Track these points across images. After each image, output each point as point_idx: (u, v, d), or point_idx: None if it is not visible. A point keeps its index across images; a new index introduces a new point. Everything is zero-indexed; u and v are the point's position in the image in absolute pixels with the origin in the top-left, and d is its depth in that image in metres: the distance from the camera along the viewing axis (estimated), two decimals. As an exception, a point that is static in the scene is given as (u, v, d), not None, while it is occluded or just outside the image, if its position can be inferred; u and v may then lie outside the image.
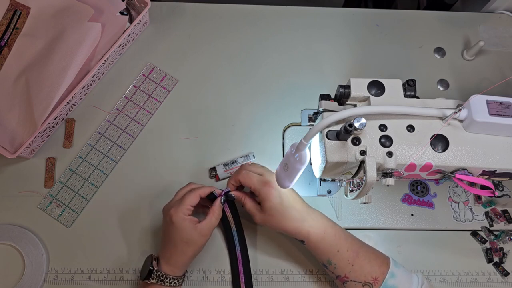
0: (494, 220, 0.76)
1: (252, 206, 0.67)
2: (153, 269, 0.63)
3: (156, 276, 0.63)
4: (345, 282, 0.65)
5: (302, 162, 0.57)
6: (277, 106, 0.82)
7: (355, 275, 0.63)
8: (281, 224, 0.65)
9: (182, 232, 0.63)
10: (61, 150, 0.78)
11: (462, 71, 0.86)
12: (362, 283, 0.63)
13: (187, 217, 0.63)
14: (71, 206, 0.75)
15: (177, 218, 0.62)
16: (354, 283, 0.63)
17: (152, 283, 0.62)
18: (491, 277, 0.74)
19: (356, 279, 0.63)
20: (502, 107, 0.56)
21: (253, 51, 0.86)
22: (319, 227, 0.65)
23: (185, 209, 0.63)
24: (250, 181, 0.66)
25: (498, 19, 0.90)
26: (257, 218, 0.66)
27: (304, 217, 0.65)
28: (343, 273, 0.64)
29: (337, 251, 0.64)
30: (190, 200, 0.64)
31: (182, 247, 0.63)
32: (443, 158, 0.56)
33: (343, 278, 0.64)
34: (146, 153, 0.78)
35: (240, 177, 0.67)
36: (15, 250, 0.72)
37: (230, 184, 0.68)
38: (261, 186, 0.65)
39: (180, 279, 0.65)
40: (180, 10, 0.88)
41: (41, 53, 0.75)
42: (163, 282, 0.63)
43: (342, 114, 0.54)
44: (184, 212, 0.63)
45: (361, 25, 0.89)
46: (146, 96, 0.81)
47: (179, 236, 0.63)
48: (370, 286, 0.63)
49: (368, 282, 0.63)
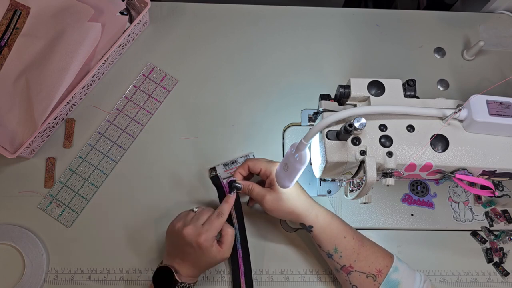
0: (494, 220, 0.76)
1: (260, 189, 0.67)
2: (178, 281, 0.62)
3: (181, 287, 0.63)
4: (349, 272, 0.65)
5: (302, 162, 0.57)
6: (277, 106, 0.82)
7: (360, 265, 0.64)
8: (290, 203, 0.65)
9: (208, 256, 0.62)
10: (61, 150, 0.78)
11: (462, 71, 0.86)
12: (366, 274, 0.63)
13: (214, 243, 0.62)
14: (71, 206, 0.75)
15: (206, 245, 0.61)
16: (358, 273, 0.64)
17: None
18: (491, 277, 0.74)
19: (360, 270, 0.64)
20: (502, 107, 0.56)
21: (253, 51, 0.86)
22: (328, 213, 0.66)
23: (215, 232, 0.62)
24: (259, 162, 0.67)
25: (498, 19, 0.90)
26: (267, 201, 0.65)
27: (312, 202, 0.66)
28: (348, 262, 0.64)
29: (344, 237, 0.65)
30: (218, 222, 0.63)
31: (205, 266, 0.64)
32: (443, 158, 0.56)
33: (347, 268, 0.65)
34: (146, 153, 0.78)
35: (248, 162, 0.68)
36: (15, 250, 0.72)
37: (238, 173, 0.68)
38: (271, 166, 0.66)
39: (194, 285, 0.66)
40: (180, 10, 0.88)
41: (41, 53, 0.75)
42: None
43: (342, 114, 0.54)
44: (214, 239, 0.62)
45: (361, 25, 0.89)
46: (146, 96, 0.81)
47: (204, 259, 0.63)
48: (374, 278, 0.63)
49: (372, 274, 0.63)
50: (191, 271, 0.64)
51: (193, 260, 0.63)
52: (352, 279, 0.65)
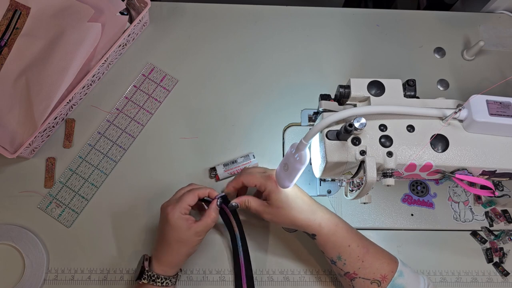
0: (494, 220, 0.76)
1: (258, 204, 0.65)
2: (145, 269, 0.63)
3: (147, 276, 0.62)
4: (353, 279, 0.63)
5: (302, 162, 0.57)
6: (277, 106, 0.82)
7: (364, 272, 0.63)
8: (291, 215, 0.63)
9: (177, 231, 0.62)
10: (61, 150, 0.78)
11: (462, 71, 0.86)
12: (371, 281, 0.62)
13: (184, 216, 0.63)
14: (71, 206, 0.75)
15: (173, 217, 0.62)
16: (363, 280, 0.63)
17: (144, 283, 0.62)
18: (491, 277, 0.74)
19: (365, 276, 0.62)
20: (502, 107, 0.56)
21: (253, 51, 0.86)
22: (331, 220, 0.64)
23: (182, 208, 0.63)
24: (253, 178, 0.65)
25: (498, 19, 0.90)
26: (266, 214, 0.65)
27: (314, 209, 0.64)
28: (352, 269, 0.63)
29: (348, 246, 0.63)
30: (188, 199, 0.64)
31: (176, 246, 0.63)
32: (443, 158, 0.56)
33: (351, 275, 0.63)
34: (146, 153, 0.78)
35: (242, 178, 0.66)
36: (15, 250, 0.72)
37: (231, 187, 0.68)
38: (266, 180, 0.64)
39: (172, 278, 0.64)
40: (180, 10, 0.88)
41: (41, 53, 0.75)
42: (155, 282, 0.62)
43: (342, 114, 0.54)
44: (181, 211, 0.63)
45: (361, 25, 0.89)
46: (146, 96, 0.81)
47: (174, 235, 0.62)
48: (378, 284, 0.62)
49: (377, 280, 0.62)
50: (169, 255, 0.63)
51: (166, 239, 0.63)
52: (356, 285, 0.64)
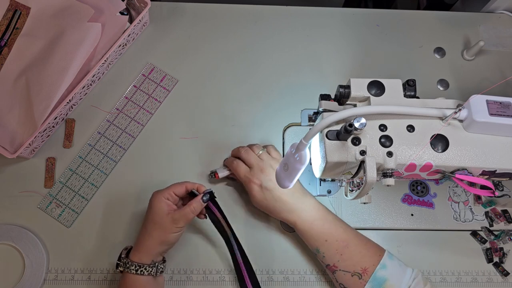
0: (494, 220, 0.76)
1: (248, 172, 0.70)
2: (121, 256, 0.63)
3: (122, 263, 0.63)
4: (334, 271, 0.66)
5: (302, 162, 0.57)
6: (277, 106, 0.82)
7: (344, 265, 0.64)
8: (269, 213, 0.70)
9: (155, 213, 0.63)
10: (61, 150, 0.78)
11: (462, 71, 0.86)
12: (351, 273, 0.64)
13: (166, 201, 0.63)
14: (71, 206, 0.75)
15: (155, 199, 0.63)
16: (343, 272, 0.64)
17: (120, 271, 0.63)
18: (491, 277, 0.74)
19: (345, 269, 0.64)
20: (502, 107, 0.56)
21: (253, 51, 0.86)
22: (307, 218, 0.67)
23: (167, 193, 0.63)
24: (239, 170, 0.70)
25: (498, 19, 0.90)
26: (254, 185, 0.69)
27: (291, 208, 0.67)
28: (332, 262, 0.65)
29: (325, 241, 0.66)
30: (175, 188, 0.64)
31: (150, 228, 0.63)
32: (443, 158, 0.56)
33: (332, 267, 0.66)
34: (146, 153, 0.78)
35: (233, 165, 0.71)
36: (15, 250, 0.72)
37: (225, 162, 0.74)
38: (246, 183, 0.69)
39: (148, 267, 0.62)
40: (180, 10, 0.88)
41: (41, 53, 0.75)
42: (129, 269, 0.62)
43: (342, 114, 0.54)
44: (165, 196, 0.63)
45: (361, 25, 0.89)
46: (146, 96, 0.81)
47: (151, 217, 0.63)
48: (359, 276, 0.63)
49: (357, 272, 0.63)
50: (142, 238, 0.63)
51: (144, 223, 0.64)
52: (337, 278, 0.66)
